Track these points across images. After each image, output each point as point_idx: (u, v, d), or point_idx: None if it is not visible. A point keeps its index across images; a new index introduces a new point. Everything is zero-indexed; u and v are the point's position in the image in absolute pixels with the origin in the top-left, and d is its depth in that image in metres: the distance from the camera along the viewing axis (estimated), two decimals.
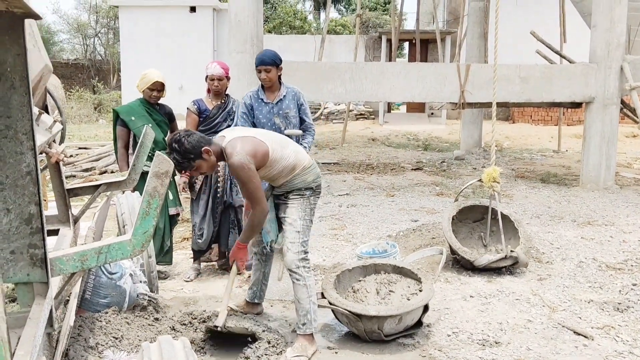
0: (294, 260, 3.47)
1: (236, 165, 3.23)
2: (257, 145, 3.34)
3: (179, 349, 1.85)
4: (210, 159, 3.32)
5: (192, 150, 3.24)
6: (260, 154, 3.34)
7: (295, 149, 3.56)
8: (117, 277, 3.43)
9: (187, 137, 3.25)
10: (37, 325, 1.81)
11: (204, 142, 3.30)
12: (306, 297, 3.45)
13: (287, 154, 3.47)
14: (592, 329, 3.78)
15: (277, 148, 3.44)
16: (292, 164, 3.48)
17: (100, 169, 10.63)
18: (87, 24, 30.58)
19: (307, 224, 3.55)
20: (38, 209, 2.08)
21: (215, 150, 3.33)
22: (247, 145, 3.30)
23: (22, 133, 2.02)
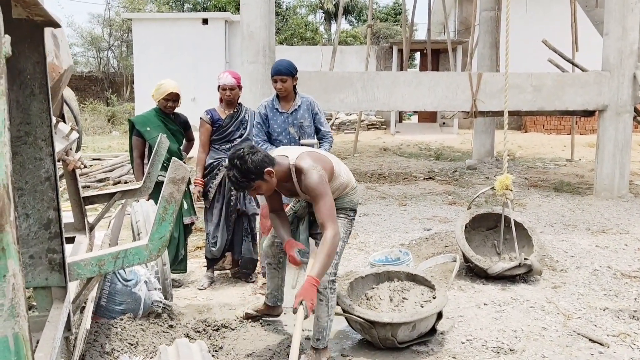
0: (323, 282, 3.26)
1: (316, 180, 3.06)
2: (324, 161, 3.26)
3: (196, 351, 1.87)
4: (272, 180, 3.11)
5: (255, 170, 3.03)
6: (329, 169, 3.26)
7: (346, 169, 3.51)
8: (132, 284, 3.46)
9: (250, 155, 3.03)
10: (56, 328, 1.84)
11: (268, 162, 3.09)
12: (326, 316, 3.36)
13: (342, 171, 3.41)
14: (608, 336, 3.75)
15: (335, 164, 3.40)
16: (345, 182, 3.42)
17: (114, 179, 10.71)
18: (101, 37, 30.92)
19: (343, 245, 3.42)
20: (57, 214, 2.12)
21: (278, 170, 3.16)
22: (318, 161, 3.18)
23: (42, 139, 2.06)
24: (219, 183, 4.80)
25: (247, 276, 4.94)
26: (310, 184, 3.10)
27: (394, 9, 35.14)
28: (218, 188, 4.82)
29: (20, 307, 1.26)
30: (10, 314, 1.26)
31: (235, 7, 27.21)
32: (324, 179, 3.13)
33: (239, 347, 3.53)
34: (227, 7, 28.07)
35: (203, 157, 4.84)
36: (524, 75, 8.38)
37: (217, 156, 4.82)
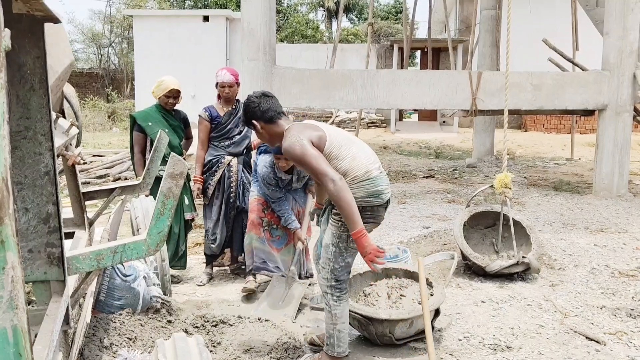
0: (322, 286, 3.27)
1: (288, 145, 3.02)
2: (313, 129, 3.15)
3: (193, 345, 1.88)
4: (261, 131, 3.25)
5: (245, 115, 3.28)
6: (316, 137, 3.07)
7: (354, 154, 3.15)
8: (131, 279, 3.47)
9: (251, 102, 3.24)
10: (55, 321, 1.85)
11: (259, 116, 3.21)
12: (330, 324, 3.25)
13: (342, 154, 3.11)
14: (605, 334, 3.77)
15: (335, 142, 3.13)
16: (343, 169, 3.08)
17: (114, 175, 10.72)
18: (102, 34, 30.92)
19: (340, 251, 3.16)
20: (56, 208, 2.13)
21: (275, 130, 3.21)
22: (303, 130, 3.11)
23: (41, 134, 2.07)
24: (218, 180, 4.82)
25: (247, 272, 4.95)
26: (284, 149, 3.07)
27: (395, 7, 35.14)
28: (217, 185, 4.83)
29: (19, 300, 1.28)
30: (9, 306, 1.27)
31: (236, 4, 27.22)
32: (299, 144, 2.99)
33: (237, 342, 3.54)
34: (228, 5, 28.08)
35: (202, 154, 4.85)
36: (524, 74, 8.39)
37: (216, 153, 4.83)
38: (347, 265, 3.24)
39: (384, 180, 3.21)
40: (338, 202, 2.92)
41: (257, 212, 4.42)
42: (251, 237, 4.42)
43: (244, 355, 3.38)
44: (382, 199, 3.17)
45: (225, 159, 4.81)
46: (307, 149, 2.98)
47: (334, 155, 3.09)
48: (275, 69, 8.03)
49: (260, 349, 3.47)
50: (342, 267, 3.22)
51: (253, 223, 4.42)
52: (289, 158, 3.20)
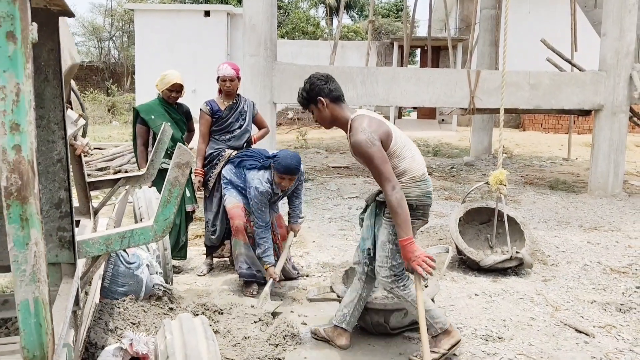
0: (385, 284, 3.31)
1: (360, 140, 3.03)
2: (381, 124, 3.15)
3: (198, 324, 1.98)
4: (324, 111, 3.24)
5: (310, 92, 3.24)
6: (385, 133, 3.11)
7: (413, 155, 3.23)
8: (134, 267, 3.57)
9: (317, 80, 3.25)
10: (67, 300, 1.95)
11: (327, 94, 3.22)
12: (414, 309, 3.25)
13: (404, 153, 3.18)
14: (594, 327, 3.88)
15: (399, 141, 3.18)
16: (403, 168, 3.15)
17: (114, 168, 10.81)
18: (102, 27, 30.97)
19: (397, 248, 3.18)
20: (67, 194, 2.23)
21: (338, 113, 3.24)
22: (373, 124, 3.12)
23: (54, 123, 2.17)
24: (218, 173, 4.91)
25: None
26: (354, 142, 3.06)
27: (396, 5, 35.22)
28: (218, 178, 4.92)
29: (41, 273, 1.38)
30: (32, 279, 1.37)
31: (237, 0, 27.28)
32: (371, 143, 3.01)
33: (236, 329, 3.64)
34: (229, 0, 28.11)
35: (203, 147, 4.93)
36: (522, 74, 8.49)
37: (216, 146, 4.91)
38: (402, 262, 3.28)
39: (430, 182, 3.31)
40: (395, 209, 3.00)
41: (241, 218, 4.44)
42: (238, 244, 4.47)
43: (243, 342, 3.48)
44: (431, 199, 3.30)
45: (226, 152, 4.90)
46: (378, 150, 3.03)
47: (397, 153, 3.15)
48: (276, 65, 8.13)
49: (259, 336, 3.57)
50: (400, 263, 3.28)
51: (238, 229, 4.44)
52: (356, 152, 3.11)
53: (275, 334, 3.55)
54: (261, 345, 3.43)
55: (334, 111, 3.25)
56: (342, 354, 3.46)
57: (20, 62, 1.27)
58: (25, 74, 1.28)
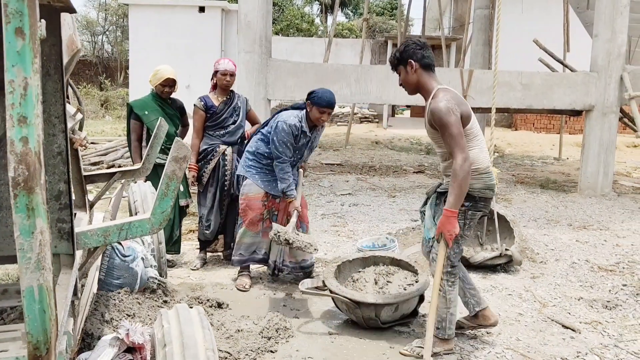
0: (440, 272, 3.31)
1: (441, 107, 3.06)
2: (464, 103, 3.20)
3: (194, 314, 2.03)
4: (410, 74, 3.27)
5: (403, 53, 3.28)
6: (466, 112, 3.15)
7: (482, 146, 3.26)
8: (129, 260, 3.62)
9: (412, 44, 3.28)
10: (67, 289, 2.00)
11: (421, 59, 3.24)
12: (444, 308, 3.36)
13: (475, 143, 3.21)
14: (580, 323, 3.96)
15: (474, 127, 3.22)
16: (471, 156, 3.15)
17: (108, 163, 10.83)
18: (96, 22, 30.87)
19: (457, 237, 3.24)
20: (67, 186, 2.28)
21: (425, 80, 3.27)
22: (457, 99, 3.16)
23: (55, 116, 2.22)
24: (212, 168, 4.95)
25: None
26: (434, 108, 3.10)
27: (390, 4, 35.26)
28: (212, 173, 4.97)
29: (46, 261, 1.43)
30: (37, 266, 1.43)
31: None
32: (452, 112, 3.05)
33: (229, 322, 3.70)
34: None
35: (197, 142, 4.97)
36: (514, 74, 8.58)
37: (210, 142, 4.96)
38: (460, 251, 3.38)
39: (493, 176, 3.33)
40: (458, 179, 3.03)
41: (257, 210, 4.48)
42: (245, 233, 4.52)
43: (236, 334, 3.54)
44: (494, 192, 3.33)
45: (220, 147, 4.94)
46: (456, 120, 3.06)
47: (469, 139, 3.19)
48: (271, 62, 8.17)
49: (252, 329, 3.63)
50: (456, 253, 3.36)
51: (252, 222, 4.49)
52: (434, 119, 3.12)
53: (267, 327, 3.61)
54: (254, 338, 3.49)
55: (421, 77, 3.28)
56: (334, 347, 3.52)
57: (29, 57, 1.32)
58: (33, 68, 1.33)
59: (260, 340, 3.46)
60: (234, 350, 3.29)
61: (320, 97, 4.29)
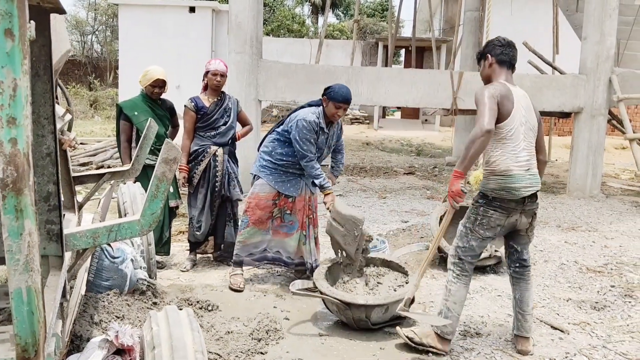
0: (449, 262, 3.56)
1: (482, 90, 3.32)
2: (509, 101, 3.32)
3: (184, 316, 2.03)
4: (486, 68, 3.52)
5: (485, 47, 3.58)
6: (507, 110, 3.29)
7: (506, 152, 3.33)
8: (119, 261, 3.60)
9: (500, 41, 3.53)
10: (55, 291, 1.99)
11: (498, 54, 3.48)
12: (443, 298, 3.47)
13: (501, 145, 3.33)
14: (569, 324, 3.99)
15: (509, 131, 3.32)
16: (494, 155, 3.34)
17: (97, 163, 10.78)
18: (85, 21, 30.72)
19: (465, 231, 3.44)
20: (56, 188, 2.26)
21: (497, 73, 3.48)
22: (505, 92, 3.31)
23: (44, 117, 2.21)
24: (203, 169, 4.94)
25: (229, 260, 5.09)
26: (479, 88, 3.36)
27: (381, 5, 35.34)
28: (203, 174, 4.95)
29: (34, 263, 1.42)
30: (25, 268, 1.42)
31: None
32: (491, 95, 3.25)
33: (219, 324, 3.70)
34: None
35: (188, 143, 4.95)
36: None
37: (201, 143, 4.94)
38: (470, 248, 3.45)
39: (527, 179, 3.33)
40: (469, 143, 3.19)
41: (266, 209, 4.51)
42: (254, 232, 4.52)
43: (226, 336, 3.53)
44: (514, 194, 3.32)
45: (211, 148, 4.93)
46: (490, 100, 3.24)
47: (499, 138, 3.32)
48: (261, 62, 8.17)
49: (242, 330, 3.63)
50: (465, 247, 3.45)
51: (260, 220, 4.51)
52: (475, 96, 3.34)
53: (258, 329, 3.61)
54: (244, 340, 3.49)
55: (494, 72, 3.49)
56: (324, 348, 3.53)
57: (18, 58, 1.31)
58: (22, 70, 1.32)
59: (250, 342, 3.46)
60: (223, 352, 3.29)
61: (337, 92, 4.32)
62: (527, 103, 3.44)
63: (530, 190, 3.34)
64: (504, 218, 3.37)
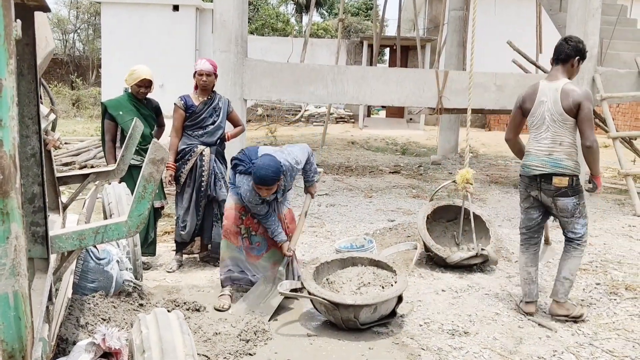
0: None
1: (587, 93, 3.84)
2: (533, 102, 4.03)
3: (173, 319, 2.00)
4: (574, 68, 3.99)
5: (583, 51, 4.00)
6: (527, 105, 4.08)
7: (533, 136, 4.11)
8: (104, 262, 3.56)
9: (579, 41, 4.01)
10: (41, 294, 1.95)
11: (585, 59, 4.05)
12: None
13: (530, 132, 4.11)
14: (556, 322, 4.00)
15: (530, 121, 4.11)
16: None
17: (80, 163, 10.65)
18: (67, 20, 30.37)
19: (521, 210, 4.20)
20: (41, 189, 2.22)
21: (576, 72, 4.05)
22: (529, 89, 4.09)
23: (29, 117, 2.17)
24: (190, 168, 4.90)
25: (216, 260, 5.04)
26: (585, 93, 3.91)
27: (366, 4, 35.36)
28: (189, 173, 4.92)
29: (21, 267, 1.39)
30: (11, 272, 1.38)
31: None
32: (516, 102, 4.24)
33: (207, 325, 3.67)
34: None
35: (176, 142, 4.92)
36: (489, 75, 8.66)
37: (189, 142, 4.91)
38: (522, 220, 4.20)
39: (541, 160, 3.97)
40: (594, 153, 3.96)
41: (234, 220, 4.24)
42: (228, 245, 4.27)
43: (213, 337, 3.51)
44: (524, 171, 4.06)
45: (198, 148, 4.90)
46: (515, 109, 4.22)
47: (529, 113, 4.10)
48: (246, 62, 8.12)
49: (230, 331, 3.60)
50: (523, 220, 4.21)
51: (230, 231, 4.26)
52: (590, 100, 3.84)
53: (246, 330, 3.58)
54: (232, 341, 3.46)
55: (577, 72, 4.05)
56: (313, 348, 3.51)
57: (3, 58, 1.28)
58: (8, 70, 1.29)
59: (238, 343, 3.43)
60: (212, 354, 3.26)
61: (255, 172, 3.88)
62: (554, 97, 3.87)
63: (541, 170, 3.92)
64: (525, 191, 4.08)
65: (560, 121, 3.86)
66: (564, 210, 3.95)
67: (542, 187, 3.92)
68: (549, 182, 3.89)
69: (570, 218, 3.98)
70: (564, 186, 3.88)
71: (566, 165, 3.89)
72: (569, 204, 3.92)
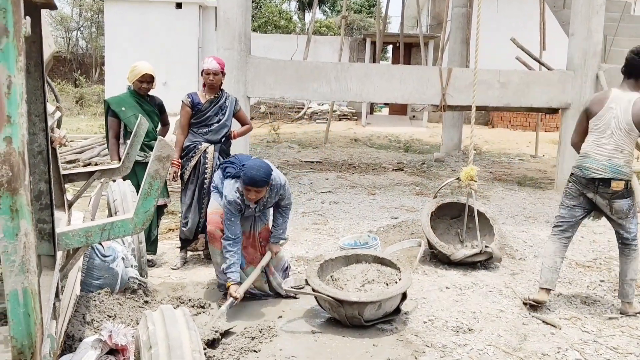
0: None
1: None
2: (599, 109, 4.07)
3: (180, 315, 2.01)
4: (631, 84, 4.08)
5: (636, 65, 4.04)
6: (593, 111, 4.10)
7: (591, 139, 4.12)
8: (110, 260, 3.57)
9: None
10: (49, 291, 1.96)
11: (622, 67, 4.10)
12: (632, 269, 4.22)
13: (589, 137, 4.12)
14: (560, 319, 4.01)
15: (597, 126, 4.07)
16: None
17: (84, 161, 10.67)
18: (70, 17, 30.37)
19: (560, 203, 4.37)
20: (47, 186, 2.23)
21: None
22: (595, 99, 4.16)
23: (35, 115, 2.17)
24: (193, 165, 4.91)
25: None
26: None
27: (368, 1, 35.32)
28: (193, 170, 4.93)
29: (31, 264, 1.40)
30: (21, 269, 1.39)
31: None
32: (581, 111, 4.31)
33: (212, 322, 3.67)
34: None
35: (181, 138, 4.94)
36: (492, 72, 8.64)
37: (194, 139, 4.92)
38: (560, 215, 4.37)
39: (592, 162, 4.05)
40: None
41: (216, 224, 4.15)
42: (213, 251, 4.22)
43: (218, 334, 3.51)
44: (584, 173, 4.09)
45: (202, 145, 4.91)
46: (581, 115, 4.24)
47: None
48: (250, 59, 8.12)
49: (235, 329, 3.61)
50: (558, 216, 4.39)
51: (213, 236, 4.16)
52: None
53: (251, 327, 3.59)
54: (237, 338, 3.47)
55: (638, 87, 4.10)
56: (317, 345, 3.52)
57: (12, 55, 1.29)
58: (17, 67, 1.30)
59: (243, 340, 3.44)
60: (217, 351, 3.27)
61: (245, 172, 3.84)
62: (626, 107, 3.97)
63: (601, 174, 4.01)
64: (577, 191, 4.17)
65: (626, 130, 3.97)
66: (619, 211, 4.08)
67: (599, 190, 4.05)
68: (607, 185, 4.02)
69: (625, 218, 4.10)
70: (620, 189, 4.02)
71: (625, 172, 4.02)
72: (625, 205, 4.06)
